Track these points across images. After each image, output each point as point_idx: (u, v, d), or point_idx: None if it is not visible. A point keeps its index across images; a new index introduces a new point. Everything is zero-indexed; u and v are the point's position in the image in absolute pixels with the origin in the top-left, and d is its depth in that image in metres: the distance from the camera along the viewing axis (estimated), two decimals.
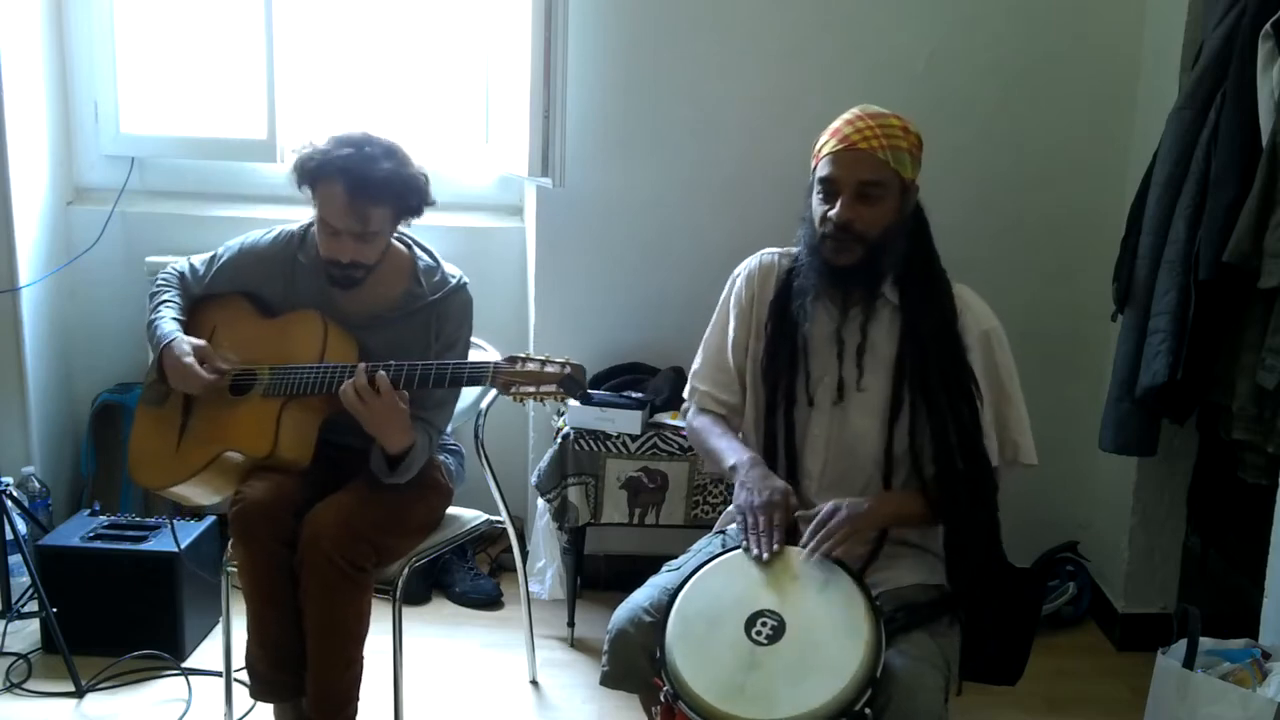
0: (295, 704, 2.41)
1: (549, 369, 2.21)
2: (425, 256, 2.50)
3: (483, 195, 3.59)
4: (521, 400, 2.24)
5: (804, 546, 1.93)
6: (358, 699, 2.36)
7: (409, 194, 2.35)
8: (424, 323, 2.43)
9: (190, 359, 2.34)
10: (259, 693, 2.43)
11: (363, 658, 2.35)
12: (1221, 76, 2.55)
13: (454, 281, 2.48)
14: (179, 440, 2.40)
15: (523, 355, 2.24)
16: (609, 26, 3.11)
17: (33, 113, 3.31)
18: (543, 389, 2.21)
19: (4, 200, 3.18)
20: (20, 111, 3.23)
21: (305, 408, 2.36)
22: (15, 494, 3.03)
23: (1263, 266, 2.36)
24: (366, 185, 2.26)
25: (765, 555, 1.92)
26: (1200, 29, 2.75)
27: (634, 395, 3.04)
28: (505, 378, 2.22)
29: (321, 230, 2.35)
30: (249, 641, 2.38)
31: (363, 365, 2.24)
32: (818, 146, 2.11)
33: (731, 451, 2.12)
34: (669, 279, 3.22)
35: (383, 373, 2.22)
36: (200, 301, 2.53)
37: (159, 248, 3.33)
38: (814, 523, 1.95)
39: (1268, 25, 2.40)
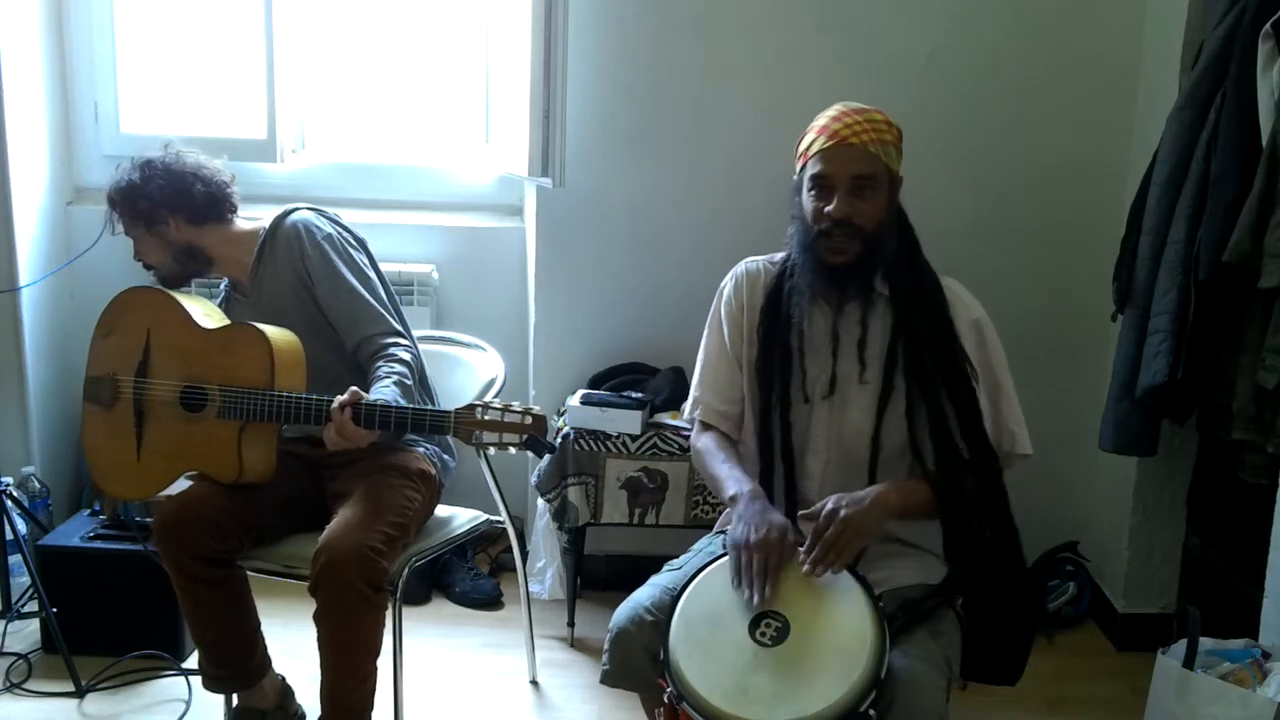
0: (253, 692, 2.49)
1: (509, 418, 2.18)
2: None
3: (483, 195, 3.59)
4: (484, 449, 2.20)
5: (806, 555, 1.88)
6: (372, 707, 2.36)
7: (129, 200, 2.52)
8: (279, 264, 2.49)
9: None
10: (210, 686, 2.49)
11: (376, 668, 2.35)
12: (1221, 77, 2.55)
13: (279, 213, 2.54)
14: (138, 451, 2.40)
15: (481, 403, 2.20)
16: (609, 27, 3.11)
17: (33, 113, 3.31)
18: (505, 438, 2.18)
19: (4, 200, 3.18)
20: (20, 111, 3.23)
21: (262, 426, 2.34)
22: (15, 494, 3.03)
23: (1263, 266, 2.36)
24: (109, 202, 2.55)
25: (756, 600, 1.86)
26: (1200, 29, 2.76)
27: (634, 395, 3.04)
28: (467, 426, 2.19)
29: None
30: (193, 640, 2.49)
31: (336, 406, 2.20)
32: (804, 145, 2.11)
33: (733, 481, 2.07)
34: (669, 279, 3.22)
35: (348, 415, 2.19)
36: (128, 297, 2.51)
37: None
38: (813, 531, 1.90)
39: (1268, 25, 2.40)
